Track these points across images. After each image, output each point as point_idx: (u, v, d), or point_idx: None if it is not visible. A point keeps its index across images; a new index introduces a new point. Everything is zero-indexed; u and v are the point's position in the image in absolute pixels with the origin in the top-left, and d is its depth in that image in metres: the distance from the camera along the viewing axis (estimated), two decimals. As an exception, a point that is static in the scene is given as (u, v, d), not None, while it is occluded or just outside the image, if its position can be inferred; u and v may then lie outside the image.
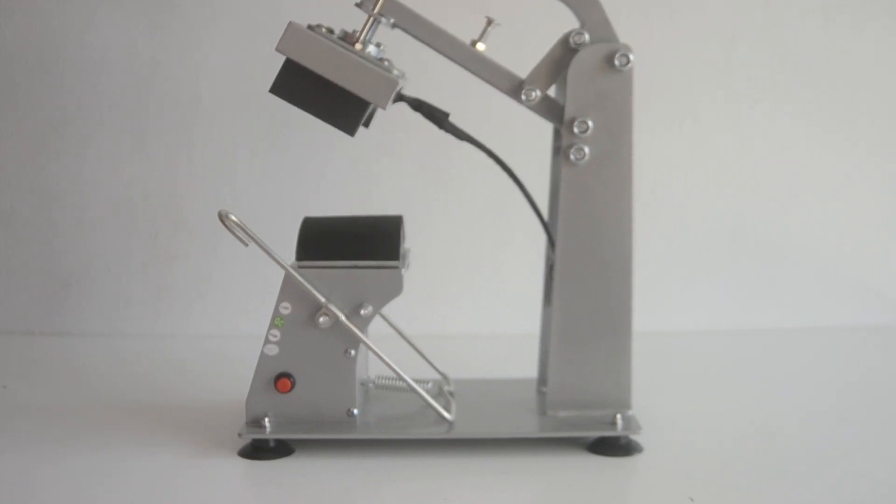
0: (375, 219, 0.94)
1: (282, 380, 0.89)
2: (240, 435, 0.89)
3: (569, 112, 0.90)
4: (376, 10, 0.87)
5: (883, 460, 0.90)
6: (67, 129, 1.38)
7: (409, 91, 0.94)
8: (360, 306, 0.89)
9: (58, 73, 1.37)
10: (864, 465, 0.89)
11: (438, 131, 0.94)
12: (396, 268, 0.90)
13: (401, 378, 0.92)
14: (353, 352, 0.90)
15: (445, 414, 0.92)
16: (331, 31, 0.87)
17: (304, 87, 0.86)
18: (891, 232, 1.45)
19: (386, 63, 0.88)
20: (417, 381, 0.93)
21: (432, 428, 0.91)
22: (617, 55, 0.89)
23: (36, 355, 1.31)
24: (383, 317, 0.98)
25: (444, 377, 1.03)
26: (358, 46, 0.86)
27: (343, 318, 0.89)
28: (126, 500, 0.81)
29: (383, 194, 1.41)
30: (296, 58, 0.84)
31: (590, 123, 0.90)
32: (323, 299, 0.88)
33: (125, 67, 1.37)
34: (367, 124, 0.93)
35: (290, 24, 0.84)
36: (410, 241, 1.00)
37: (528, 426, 0.92)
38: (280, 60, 0.86)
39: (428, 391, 0.93)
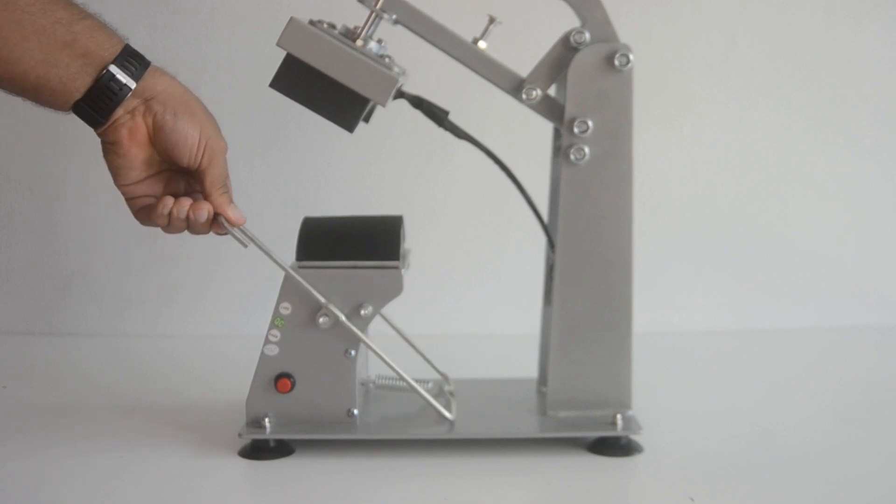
0: (375, 219, 0.94)
1: (282, 380, 0.89)
2: (240, 435, 0.89)
3: (569, 112, 0.90)
4: (378, 7, 0.87)
5: (883, 460, 0.90)
6: (68, 128, 1.38)
7: (409, 88, 0.94)
8: (360, 306, 0.89)
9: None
10: (864, 465, 0.89)
11: (438, 130, 0.94)
12: (396, 268, 0.89)
13: (401, 378, 0.92)
14: (353, 352, 0.90)
15: (446, 413, 0.92)
16: (332, 26, 0.87)
17: (303, 82, 0.86)
18: (891, 232, 1.45)
19: (387, 60, 0.88)
20: (417, 381, 0.93)
21: (432, 428, 0.91)
22: (617, 55, 0.89)
23: (36, 355, 1.31)
24: (383, 317, 0.98)
25: (444, 377, 1.03)
26: (359, 43, 0.86)
27: (343, 318, 0.89)
28: (126, 500, 0.82)
29: (383, 194, 1.41)
30: (296, 53, 0.84)
31: (590, 123, 0.90)
32: (323, 300, 0.88)
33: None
34: (367, 120, 0.93)
35: (291, 19, 0.84)
36: (410, 241, 1.00)
37: (528, 426, 0.92)
38: (281, 57, 0.86)
39: (428, 391, 0.93)
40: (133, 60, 0.79)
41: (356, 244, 0.90)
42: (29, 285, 1.41)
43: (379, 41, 0.87)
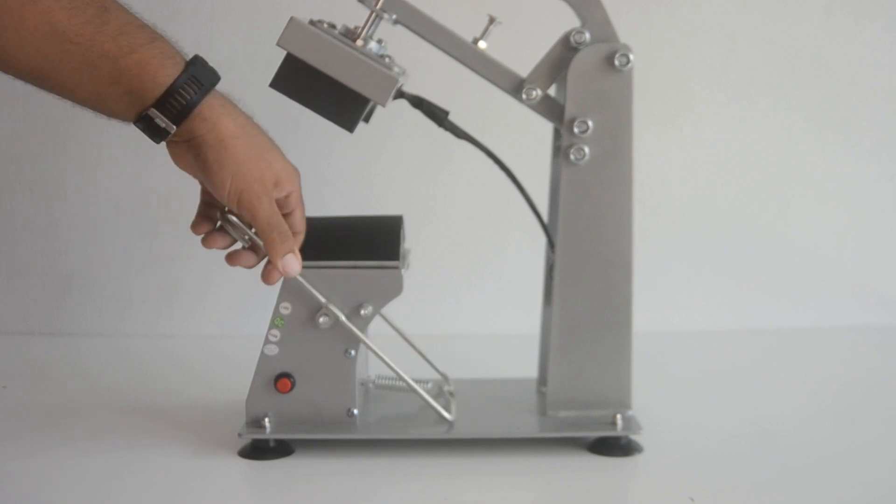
0: (375, 219, 0.94)
1: (282, 380, 0.89)
2: (240, 435, 0.89)
3: (569, 112, 0.90)
4: (378, 7, 0.87)
5: (883, 460, 0.90)
6: (67, 128, 1.38)
7: (409, 88, 0.94)
8: (360, 306, 0.89)
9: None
10: (864, 465, 0.89)
11: (438, 130, 0.94)
12: (396, 268, 0.89)
13: (401, 378, 0.92)
14: (353, 352, 0.90)
15: (445, 414, 0.92)
16: (332, 26, 0.87)
17: (304, 82, 0.86)
18: (891, 232, 1.45)
19: (387, 60, 0.88)
20: (417, 381, 0.93)
21: (432, 428, 0.91)
22: (617, 55, 0.89)
23: (36, 355, 1.31)
24: (383, 317, 0.98)
25: (444, 377, 1.03)
26: (359, 43, 0.86)
27: (343, 318, 0.89)
28: (126, 500, 0.82)
29: (383, 194, 1.41)
30: (296, 53, 0.84)
31: (590, 123, 0.90)
32: (323, 300, 0.88)
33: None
34: (367, 120, 0.93)
35: (291, 19, 0.84)
36: (410, 241, 1.00)
37: (528, 426, 0.92)
38: (281, 57, 0.86)
39: (428, 391, 0.93)
40: (177, 100, 0.77)
41: (356, 244, 0.90)
42: (29, 285, 1.41)
43: (379, 41, 0.87)
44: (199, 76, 0.78)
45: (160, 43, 0.78)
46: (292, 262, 0.84)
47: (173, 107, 0.77)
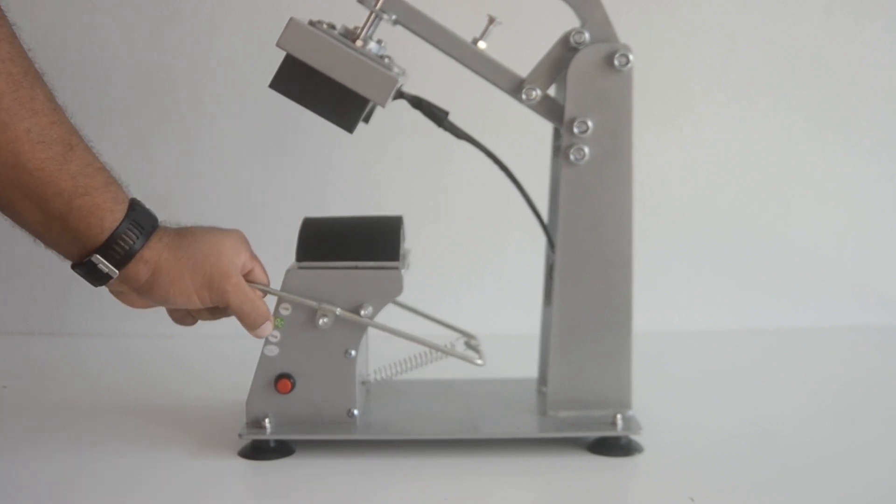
0: (375, 219, 0.94)
1: (282, 380, 0.89)
2: (240, 435, 0.89)
3: (569, 112, 0.90)
4: (378, 7, 0.87)
5: (883, 460, 0.90)
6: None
7: (409, 88, 0.94)
8: (360, 306, 0.89)
9: (58, 74, 1.36)
10: (864, 465, 0.89)
11: (438, 130, 0.94)
12: (396, 268, 0.89)
13: (417, 340, 0.91)
14: (353, 352, 0.90)
15: (476, 359, 0.92)
16: (332, 27, 0.87)
17: (303, 82, 0.85)
18: (891, 232, 1.45)
19: (386, 60, 0.88)
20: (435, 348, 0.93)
21: (432, 428, 0.91)
22: (617, 55, 0.89)
23: (36, 355, 1.31)
24: (397, 303, 0.97)
25: (471, 336, 1.02)
26: (359, 43, 0.86)
27: (340, 311, 0.88)
28: (126, 500, 0.82)
29: (383, 194, 1.41)
30: (296, 53, 0.84)
31: (590, 123, 0.90)
32: (314, 304, 0.88)
33: (126, 68, 1.37)
34: (366, 120, 0.93)
35: (291, 19, 0.84)
36: (410, 241, 1.00)
37: (528, 426, 0.92)
38: (281, 57, 0.86)
39: (450, 347, 0.93)
40: (120, 245, 0.78)
41: (356, 244, 0.90)
42: (29, 285, 1.41)
43: (379, 41, 0.87)
44: (140, 221, 0.79)
45: (113, 188, 0.79)
46: (266, 329, 0.87)
47: (116, 252, 0.78)
